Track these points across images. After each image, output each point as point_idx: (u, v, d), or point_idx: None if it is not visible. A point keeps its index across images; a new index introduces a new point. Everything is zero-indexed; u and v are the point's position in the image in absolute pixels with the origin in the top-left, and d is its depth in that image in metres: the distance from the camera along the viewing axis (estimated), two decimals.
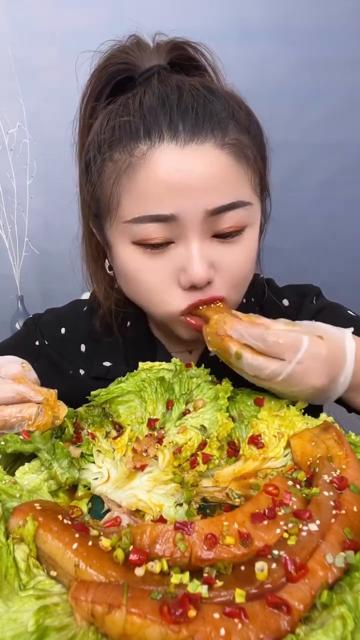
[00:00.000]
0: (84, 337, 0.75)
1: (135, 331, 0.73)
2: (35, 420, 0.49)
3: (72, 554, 0.36)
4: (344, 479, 0.43)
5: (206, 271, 0.55)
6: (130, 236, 0.56)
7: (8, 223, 1.53)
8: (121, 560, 0.36)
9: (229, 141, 0.54)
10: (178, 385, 0.58)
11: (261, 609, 0.32)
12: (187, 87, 0.55)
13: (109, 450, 0.55)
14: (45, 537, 0.38)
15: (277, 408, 0.59)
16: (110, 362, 0.72)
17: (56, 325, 0.77)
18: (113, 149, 0.55)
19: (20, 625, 0.32)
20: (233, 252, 0.57)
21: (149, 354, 0.72)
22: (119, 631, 0.31)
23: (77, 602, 0.32)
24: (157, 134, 0.53)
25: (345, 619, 0.30)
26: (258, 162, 0.58)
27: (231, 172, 0.54)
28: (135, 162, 0.54)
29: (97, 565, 0.35)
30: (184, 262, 0.55)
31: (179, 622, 0.30)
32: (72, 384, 0.73)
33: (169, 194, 0.53)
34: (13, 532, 0.39)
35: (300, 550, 0.36)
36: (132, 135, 0.54)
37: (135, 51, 0.59)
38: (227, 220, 0.55)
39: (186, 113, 0.53)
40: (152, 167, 0.53)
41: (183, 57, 0.62)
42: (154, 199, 0.53)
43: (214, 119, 0.54)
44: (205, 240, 0.56)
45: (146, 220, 0.54)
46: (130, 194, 0.54)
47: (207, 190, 0.53)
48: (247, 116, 0.58)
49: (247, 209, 0.56)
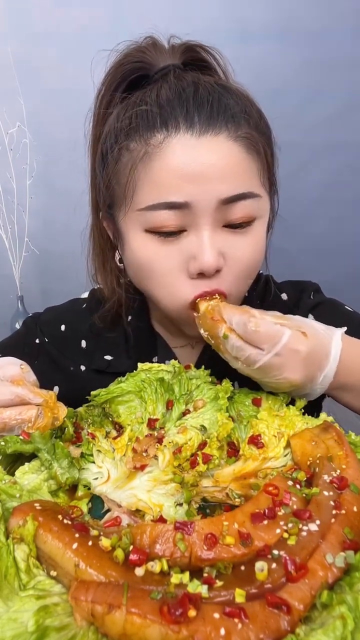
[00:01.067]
0: (84, 333, 0.75)
1: (136, 325, 0.74)
2: (35, 423, 0.49)
3: (72, 554, 0.36)
4: (344, 479, 0.43)
5: (216, 259, 0.56)
6: (144, 224, 0.57)
7: (8, 223, 1.53)
8: (121, 560, 0.36)
9: (242, 134, 0.56)
10: (178, 386, 0.58)
11: (261, 609, 0.32)
12: (203, 83, 0.57)
13: (109, 450, 0.55)
14: (45, 537, 0.38)
15: (276, 408, 0.59)
16: (112, 356, 0.73)
17: (56, 322, 0.77)
18: (130, 139, 0.57)
19: (20, 625, 0.32)
20: (242, 242, 0.59)
21: (150, 348, 0.73)
22: (119, 631, 0.31)
23: (77, 602, 0.32)
24: (173, 125, 0.55)
25: (345, 619, 0.30)
26: (268, 157, 0.60)
27: (243, 163, 0.56)
28: (152, 151, 0.55)
29: (97, 565, 0.35)
30: (194, 250, 0.57)
31: (179, 622, 0.30)
32: (72, 381, 0.73)
33: (184, 182, 0.54)
34: (13, 532, 0.39)
35: (300, 550, 0.36)
36: (149, 125, 0.56)
37: (151, 51, 0.61)
38: (238, 210, 0.57)
39: (202, 106, 0.55)
40: (168, 156, 0.55)
41: (196, 59, 0.64)
42: (169, 187, 0.55)
43: (227, 113, 0.56)
44: (217, 230, 0.57)
45: (160, 207, 0.55)
46: (146, 182, 0.56)
47: (220, 179, 0.55)
48: (258, 114, 0.60)
49: (257, 201, 0.58)
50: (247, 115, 0.57)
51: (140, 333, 0.73)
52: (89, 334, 0.75)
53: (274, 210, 0.68)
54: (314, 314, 0.73)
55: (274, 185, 0.65)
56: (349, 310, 0.75)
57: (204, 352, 0.73)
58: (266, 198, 0.61)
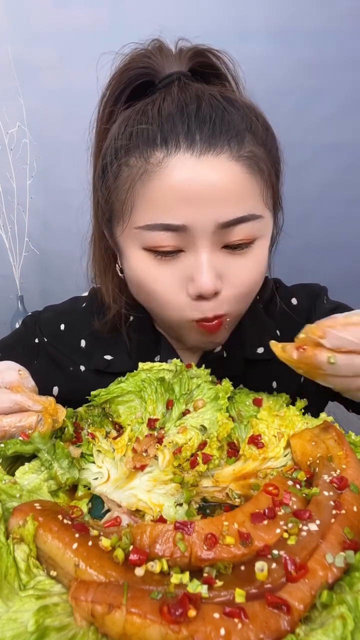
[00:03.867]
0: (84, 332, 0.75)
1: (139, 326, 0.73)
2: (35, 429, 0.49)
3: (72, 554, 0.36)
4: (344, 478, 0.43)
5: (213, 283, 0.55)
6: (141, 242, 0.56)
7: (8, 223, 1.53)
8: (121, 560, 0.36)
9: (245, 153, 0.54)
10: (178, 386, 0.58)
11: (261, 608, 0.32)
12: (207, 97, 0.55)
13: (109, 450, 0.55)
14: (45, 537, 0.38)
15: (276, 408, 0.59)
16: (112, 356, 0.72)
17: (55, 322, 0.77)
18: (129, 155, 0.56)
19: (20, 625, 0.32)
20: (242, 263, 0.57)
21: (153, 349, 0.73)
22: (119, 631, 0.31)
23: (77, 602, 0.32)
24: (173, 143, 0.53)
25: (345, 619, 0.30)
26: (272, 175, 0.58)
27: (244, 184, 0.54)
28: (151, 169, 0.54)
29: (97, 565, 0.35)
30: (192, 272, 0.56)
31: (179, 622, 0.30)
32: (72, 380, 0.73)
33: (181, 204, 0.53)
34: (13, 532, 0.39)
35: (300, 550, 0.36)
36: (148, 142, 0.54)
37: (157, 56, 0.60)
38: (237, 232, 0.55)
39: (204, 123, 0.53)
40: (167, 176, 0.53)
41: (204, 65, 0.62)
42: (166, 208, 0.53)
43: (231, 131, 0.54)
44: (215, 251, 0.56)
45: (157, 228, 0.54)
46: (144, 201, 0.55)
47: (220, 202, 0.53)
48: (264, 128, 0.58)
49: (258, 222, 0.56)
50: (251, 132, 0.55)
51: (142, 332, 0.73)
52: (89, 333, 0.74)
53: (278, 226, 0.66)
54: None
55: (279, 203, 0.64)
56: None
57: (205, 355, 0.73)
58: (269, 217, 0.59)
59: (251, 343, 0.72)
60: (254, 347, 0.72)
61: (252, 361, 0.72)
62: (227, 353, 0.72)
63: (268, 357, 0.69)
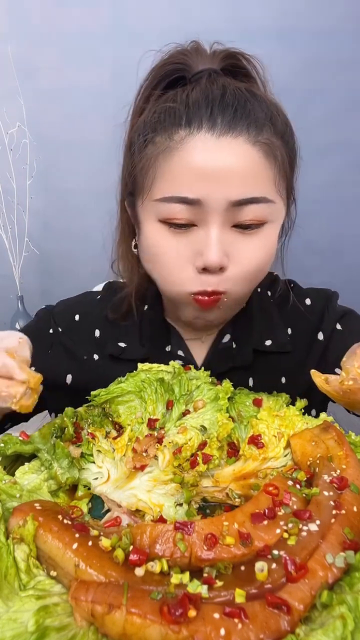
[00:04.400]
0: (97, 322, 0.77)
1: (151, 315, 0.76)
2: (20, 399, 0.48)
3: (72, 554, 0.36)
4: (344, 479, 0.43)
5: (220, 258, 0.58)
6: (157, 214, 0.60)
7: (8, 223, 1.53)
8: (121, 560, 0.36)
9: (262, 140, 0.58)
10: (178, 386, 0.58)
11: (261, 609, 0.32)
12: (232, 88, 0.59)
13: (109, 450, 0.55)
14: (45, 537, 0.38)
15: (276, 408, 0.59)
16: (125, 343, 0.74)
17: (70, 312, 0.79)
18: (156, 132, 0.60)
19: (20, 625, 0.32)
20: (250, 244, 0.60)
21: (164, 338, 0.75)
22: (119, 631, 0.31)
23: (77, 602, 0.32)
24: (196, 123, 0.57)
25: (345, 619, 0.30)
26: (286, 165, 0.62)
27: (259, 168, 0.58)
28: (173, 146, 0.58)
29: (97, 565, 0.35)
30: (201, 246, 0.59)
31: (179, 622, 0.30)
32: (86, 369, 0.74)
33: (198, 180, 0.56)
34: (13, 532, 0.39)
35: (300, 550, 0.36)
36: (174, 121, 0.58)
37: (193, 54, 0.64)
38: (248, 212, 0.58)
39: (226, 109, 0.57)
40: (187, 153, 0.57)
41: (235, 66, 0.66)
42: (184, 183, 0.57)
43: (250, 117, 0.57)
44: (225, 229, 0.59)
45: (173, 200, 0.58)
46: (164, 175, 0.58)
47: (234, 181, 0.56)
48: (283, 123, 0.62)
49: (269, 206, 0.59)
50: (271, 123, 0.59)
51: (154, 323, 0.75)
52: (103, 323, 0.77)
53: (292, 218, 0.69)
54: (341, 323, 0.75)
55: (292, 195, 0.67)
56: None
57: (213, 345, 0.74)
58: (280, 204, 0.62)
59: (260, 334, 0.74)
60: (263, 338, 0.74)
61: (261, 353, 0.73)
62: (236, 344, 0.73)
63: (275, 350, 0.73)
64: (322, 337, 0.74)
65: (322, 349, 0.74)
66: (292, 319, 0.76)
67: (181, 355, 0.73)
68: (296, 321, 0.76)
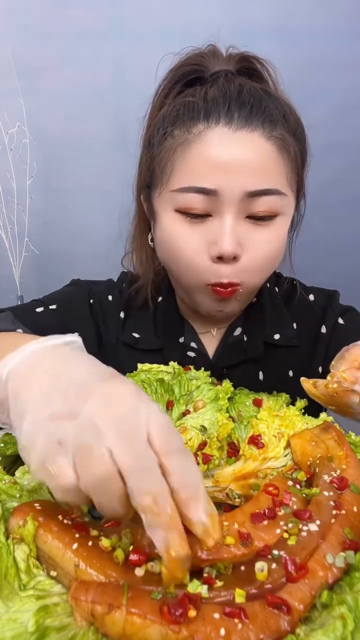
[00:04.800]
0: (124, 305, 0.79)
1: (165, 308, 0.78)
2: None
3: (72, 554, 0.36)
4: (344, 479, 0.43)
5: (234, 247, 0.60)
6: (174, 204, 0.62)
7: (8, 223, 1.53)
8: (121, 560, 0.36)
9: (276, 135, 0.60)
10: (178, 387, 0.58)
11: (261, 609, 0.32)
12: (248, 86, 0.62)
13: None
14: (46, 537, 0.38)
15: (276, 408, 0.59)
16: (139, 334, 0.76)
17: (105, 292, 0.81)
18: (175, 126, 0.62)
19: (20, 625, 0.32)
20: (263, 235, 0.62)
21: (177, 330, 0.77)
22: (119, 631, 0.31)
23: (77, 602, 0.32)
24: (214, 118, 0.59)
25: (346, 619, 0.30)
26: (298, 161, 0.65)
27: (273, 162, 0.60)
28: (192, 138, 0.60)
29: (97, 566, 0.35)
30: (216, 235, 0.61)
31: (179, 622, 0.30)
32: (106, 348, 0.77)
33: (215, 171, 0.58)
34: (13, 532, 0.39)
35: (300, 550, 0.36)
36: (193, 115, 0.61)
37: (210, 57, 0.67)
38: (262, 204, 0.60)
39: (243, 105, 0.60)
40: (205, 145, 0.59)
41: (250, 68, 0.69)
42: (201, 173, 0.59)
43: (266, 114, 0.60)
44: (239, 220, 0.61)
45: (191, 190, 0.60)
46: (182, 167, 0.61)
47: (249, 173, 0.59)
48: (296, 122, 0.65)
49: (281, 198, 0.61)
50: (284, 120, 0.62)
51: (167, 315, 0.77)
52: (127, 307, 0.79)
53: (301, 213, 0.73)
54: (343, 318, 0.77)
55: (302, 190, 0.71)
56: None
57: (224, 338, 0.76)
58: (291, 198, 0.65)
59: (270, 328, 0.76)
60: (272, 332, 0.76)
61: (270, 346, 0.75)
62: (247, 336, 0.75)
63: (284, 344, 0.75)
64: (325, 330, 0.76)
65: (326, 342, 0.76)
66: (297, 314, 0.78)
67: (194, 347, 0.75)
68: (301, 317, 0.78)
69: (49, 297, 0.79)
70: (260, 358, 0.75)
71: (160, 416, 0.33)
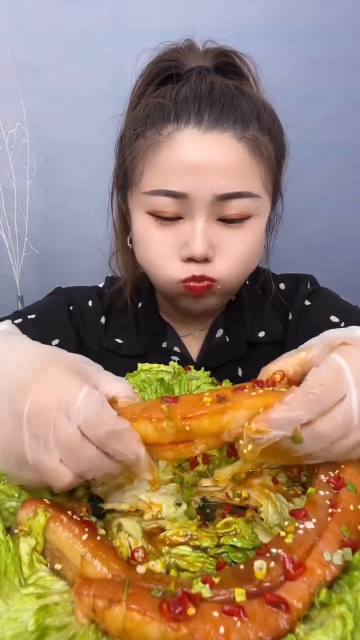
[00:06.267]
0: (105, 310, 0.79)
1: (146, 313, 0.77)
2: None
3: (80, 545, 0.37)
4: (340, 478, 0.43)
5: (205, 249, 0.59)
6: (146, 206, 0.61)
7: (8, 223, 1.53)
8: (125, 556, 0.37)
9: (248, 136, 0.59)
10: (178, 387, 0.58)
11: (260, 607, 0.32)
12: (220, 85, 0.60)
13: None
14: (56, 528, 0.38)
15: None
16: (122, 340, 0.76)
17: (85, 298, 0.80)
18: (145, 127, 0.61)
19: (20, 624, 0.32)
20: (235, 237, 0.61)
21: (160, 334, 0.76)
22: (118, 627, 0.31)
23: (79, 596, 0.33)
24: (184, 119, 0.58)
25: (345, 619, 0.31)
26: (272, 161, 0.63)
27: (244, 164, 0.59)
28: (161, 140, 0.59)
29: (103, 557, 0.36)
30: (187, 237, 0.60)
31: (179, 619, 0.31)
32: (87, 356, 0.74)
33: (185, 174, 0.58)
34: (21, 524, 0.39)
35: (297, 548, 0.36)
36: (163, 117, 0.60)
37: (186, 52, 0.66)
38: (233, 206, 0.59)
39: (213, 105, 0.58)
40: (174, 147, 0.58)
41: (228, 64, 0.67)
42: (171, 176, 0.58)
43: (237, 114, 0.58)
44: (210, 222, 0.60)
45: (161, 194, 0.59)
46: (152, 169, 0.60)
47: (219, 176, 0.57)
48: (270, 119, 0.63)
49: (254, 200, 0.60)
50: (257, 120, 0.60)
51: (149, 318, 0.77)
52: (108, 313, 0.78)
53: (278, 213, 0.71)
54: (310, 300, 0.76)
55: (279, 190, 0.68)
56: (341, 299, 0.78)
57: (207, 341, 0.75)
58: (266, 198, 0.63)
59: (252, 326, 0.75)
60: (255, 330, 0.75)
61: (254, 345, 0.74)
62: (229, 337, 0.74)
63: (269, 341, 0.74)
64: (291, 316, 0.75)
65: (294, 327, 0.74)
66: (275, 307, 0.77)
67: (177, 351, 0.74)
68: (277, 309, 0.77)
69: (29, 308, 0.78)
70: (244, 357, 0.74)
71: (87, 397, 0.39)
